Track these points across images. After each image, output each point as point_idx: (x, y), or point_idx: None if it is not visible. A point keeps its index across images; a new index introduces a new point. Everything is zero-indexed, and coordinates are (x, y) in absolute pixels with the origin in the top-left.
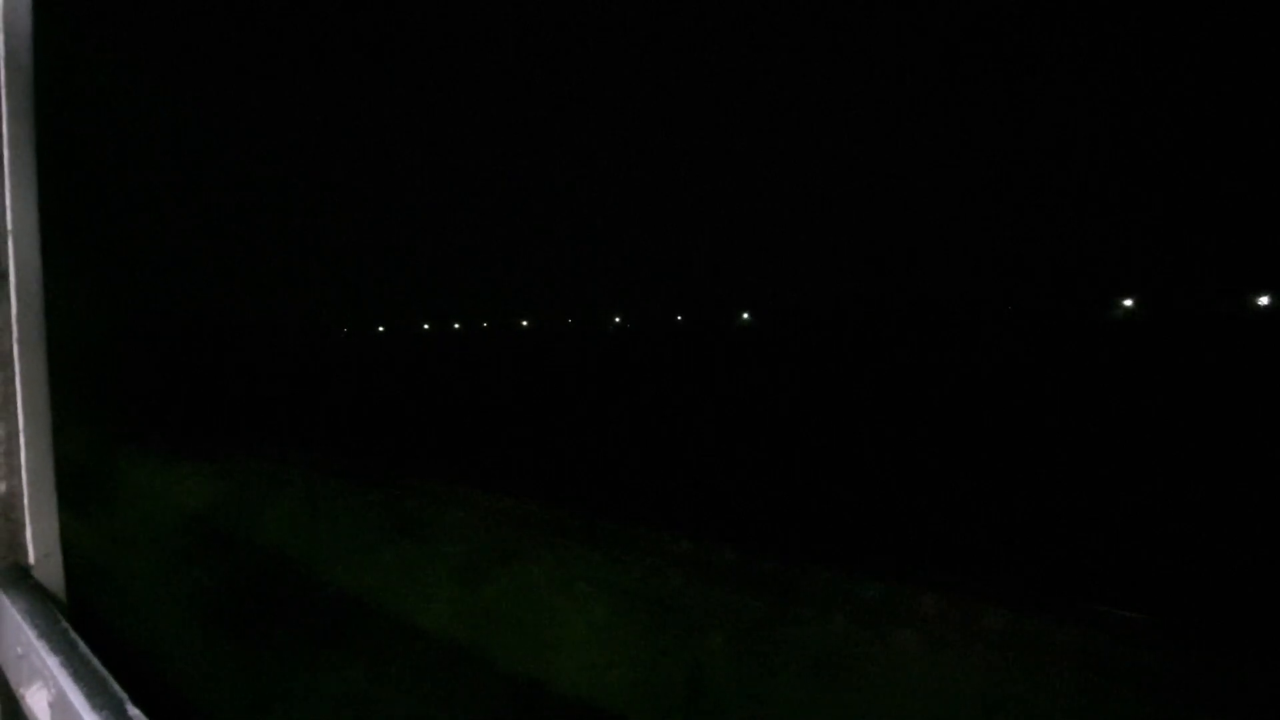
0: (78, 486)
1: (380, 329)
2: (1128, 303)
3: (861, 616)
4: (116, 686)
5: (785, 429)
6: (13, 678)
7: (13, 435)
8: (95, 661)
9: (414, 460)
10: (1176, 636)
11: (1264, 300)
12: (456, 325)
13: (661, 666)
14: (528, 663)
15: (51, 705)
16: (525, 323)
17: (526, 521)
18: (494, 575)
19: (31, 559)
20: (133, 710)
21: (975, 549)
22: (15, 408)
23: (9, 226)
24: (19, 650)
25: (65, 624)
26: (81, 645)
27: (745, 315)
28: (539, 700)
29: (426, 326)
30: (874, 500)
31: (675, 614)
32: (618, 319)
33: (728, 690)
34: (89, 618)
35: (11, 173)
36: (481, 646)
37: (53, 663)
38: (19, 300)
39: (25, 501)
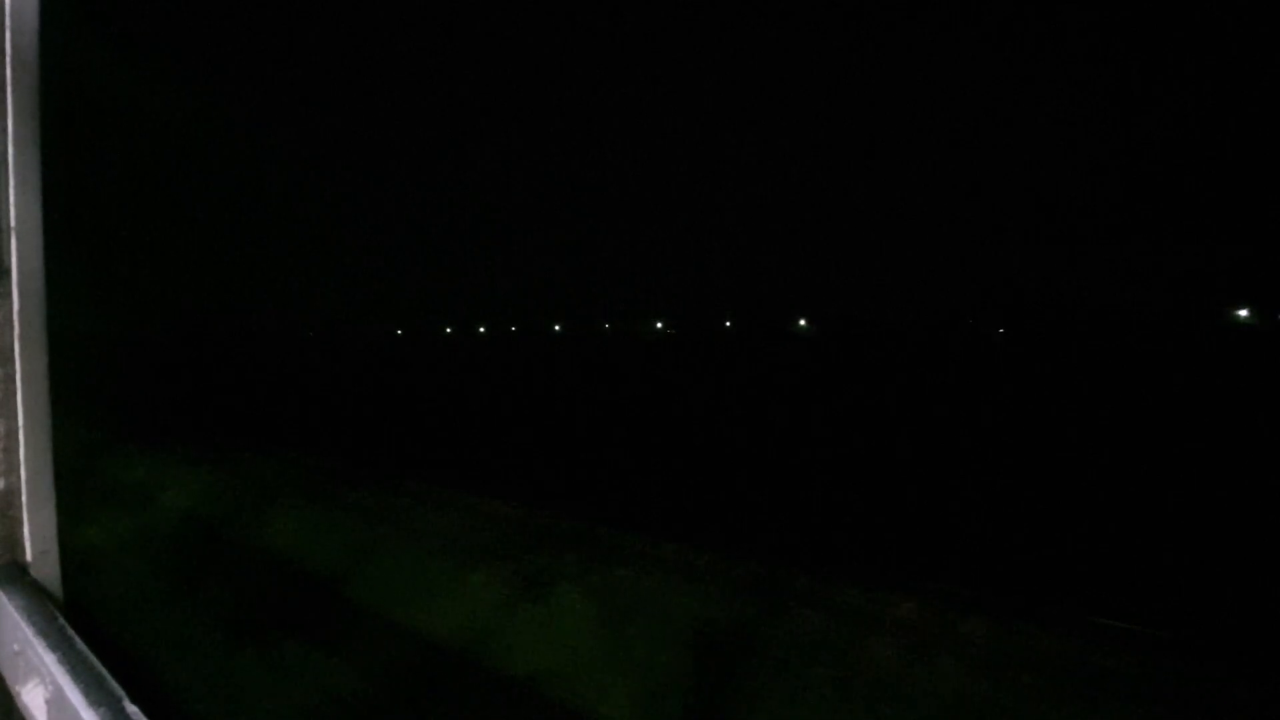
0: (77, 483)
1: (398, 331)
2: (1243, 314)
3: (842, 620)
4: (114, 683)
5: (795, 436)
6: (9, 674)
7: (12, 432)
8: (92, 658)
9: (415, 463)
10: (1160, 646)
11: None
12: (481, 329)
13: (642, 666)
14: (513, 661)
15: (48, 702)
16: (557, 327)
17: (519, 525)
18: (482, 577)
19: (29, 556)
20: (130, 707)
21: (970, 555)
22: (15, 404)
23: (12, 223)
24: (16, 647)
25: (62, 621)
26: (78, 642)
27: (801, 321)
28: (522, 698)
29: (449, 330)
30: (877, 506)
31: (658, 616)
32: (659, 324)
33: (708, 691)
34: (86, 615)
35: (15, 170)
36: (467, 645)
37: (49, 659)
38: (20, 297)
39: (23, 498)
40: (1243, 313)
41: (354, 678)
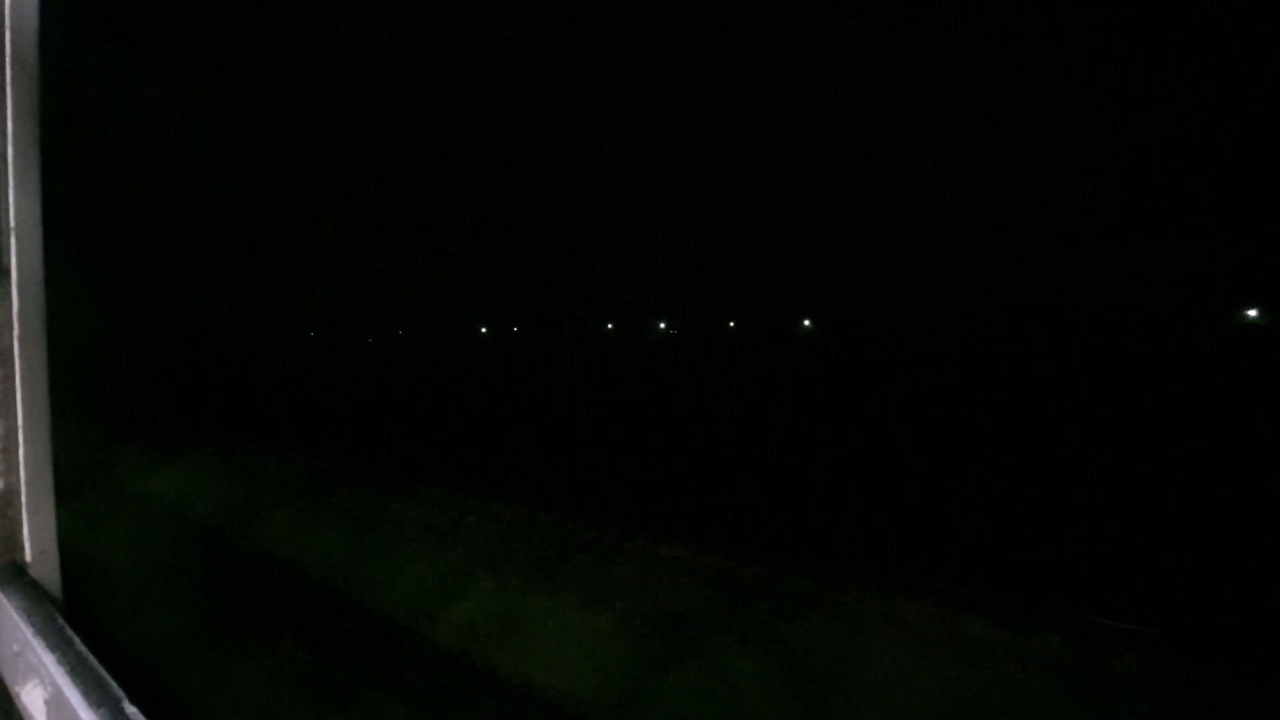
0: (76, 484)
1: (400, 332)
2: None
3: (846, 622)
4: (113, 684)
5: (793, 437)
6: (8, 675)
7: (11, 432)
8: (91, 659)
9: (414, 464)
10: (1160, 646)
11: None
12: (483, 330)
13: (646, 669)
14: (509, 662)
15: (47, 703)
16: (560, 327)
17: (518, 526)
18: (477, 577)
19: (28, 556)
20: (129, 708)
21: (971, 555)
22: (14, 405)
23: (11, 224)
24: (15, 647)
25: (61, 621)
26: (78, 642)
27: (806, 322)
28: (517, 701)
29: (450, 330)
30: (878, 506)
31: (660, 618)
32: (662, 324)
33: (709, 694)
34: (85, 615)
35: (15, 170)
36: (464, 645)
37: (49, 660)
38: (20, 297)
39: (23, 499)
40: (1251, 312)
41: None
